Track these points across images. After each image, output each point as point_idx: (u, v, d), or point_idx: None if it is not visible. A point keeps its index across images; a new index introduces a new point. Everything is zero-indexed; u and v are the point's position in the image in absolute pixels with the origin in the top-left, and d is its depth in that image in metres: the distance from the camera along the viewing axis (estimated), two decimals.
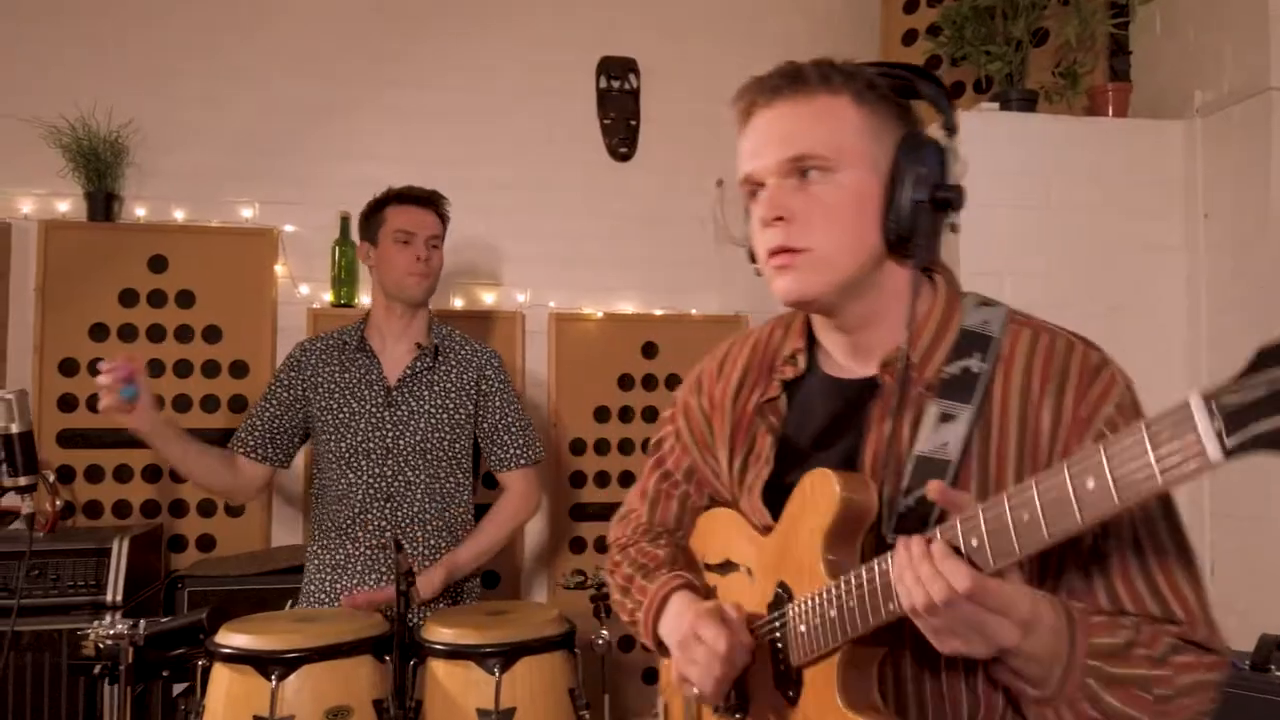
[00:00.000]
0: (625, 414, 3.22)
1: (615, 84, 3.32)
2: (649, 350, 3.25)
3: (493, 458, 2.31)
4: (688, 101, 3.34)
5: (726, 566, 1.23)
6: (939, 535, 0.87)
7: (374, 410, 2.17)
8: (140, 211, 3.01)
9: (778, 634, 1.07)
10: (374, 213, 2.27)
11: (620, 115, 3.32)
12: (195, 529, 2.92)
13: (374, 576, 2.13)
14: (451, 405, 2.22)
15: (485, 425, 2.28)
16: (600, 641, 2.04)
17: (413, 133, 3.16)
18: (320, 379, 2.20)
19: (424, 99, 3.18)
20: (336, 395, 2.18)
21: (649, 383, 3.25)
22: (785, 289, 1.07)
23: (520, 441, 2.33)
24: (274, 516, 2.99)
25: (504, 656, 1.80)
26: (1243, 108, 2.28)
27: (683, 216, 3.34)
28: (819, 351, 1.17)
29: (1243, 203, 2.33)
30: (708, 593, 1.21)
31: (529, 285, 3.24)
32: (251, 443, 2.18)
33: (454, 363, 2.26)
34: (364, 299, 3.07)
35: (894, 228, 1.02)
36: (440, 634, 1.86)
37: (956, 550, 0.85)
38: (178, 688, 2.15)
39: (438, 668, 1.83)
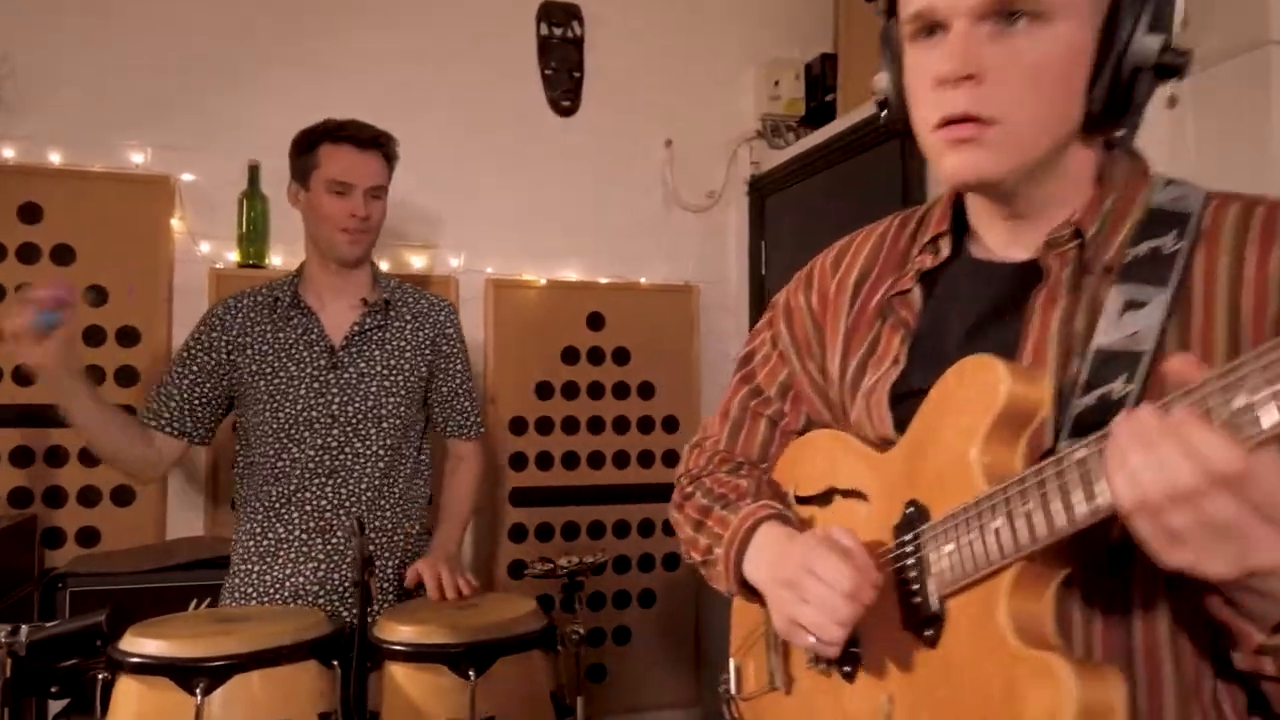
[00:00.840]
0: (569, 390, 2.97)
1: (557, 31, 3.06)
2: (594, 321, 3.01)
3: (449, 424, 2.05)
4: (635, 53, 3.11)
5: (828, 496, 1.03)
6: (1176, 405, 0.64)
7: (316, 374, 1.86)
8: (8, 152, 2.57)
9: (909, 562, 0.87)
10: (306, 150, 1.93)
11: (563, 66, 3.06)
12: (75, 520, 2.51)
13: (309, 565, 1.82)
14: (407, 366, 1.93)
15: (443, 388, 2.01)
16: (575, 636, 1.80)
17: (334, 77, 2.81)
18: (249, 340, 1.86)
19: (349, 40, 2.84)
20: (270, 359, 1.85)
21: (595, 356, 3.00)
22: (959, 169, 0.85)
23: (477, 407, 2.09)
24: (169, 504, 2.61)
25: (478, 658, 1.54)
26: (1235, 64, 2.21)
27: (630, 178, 3.11)
28: (967, 236, 0.98)
29: (1233, 170, 2.26)
30: (802, 527, 1.00)
31: (464, 248, 2.95)
32: (166, 415, 1.83)
33: (408, 318, 1.97)
34: (275, 260, 2.72)
35: (1102, 98, 0.82)
36: (399, 632, 1.58)
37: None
38: (55, 706, 1.80)
39: (398, 673, 1.55)
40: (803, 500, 1.06)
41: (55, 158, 2.60)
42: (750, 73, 3.18)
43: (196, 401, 1.85)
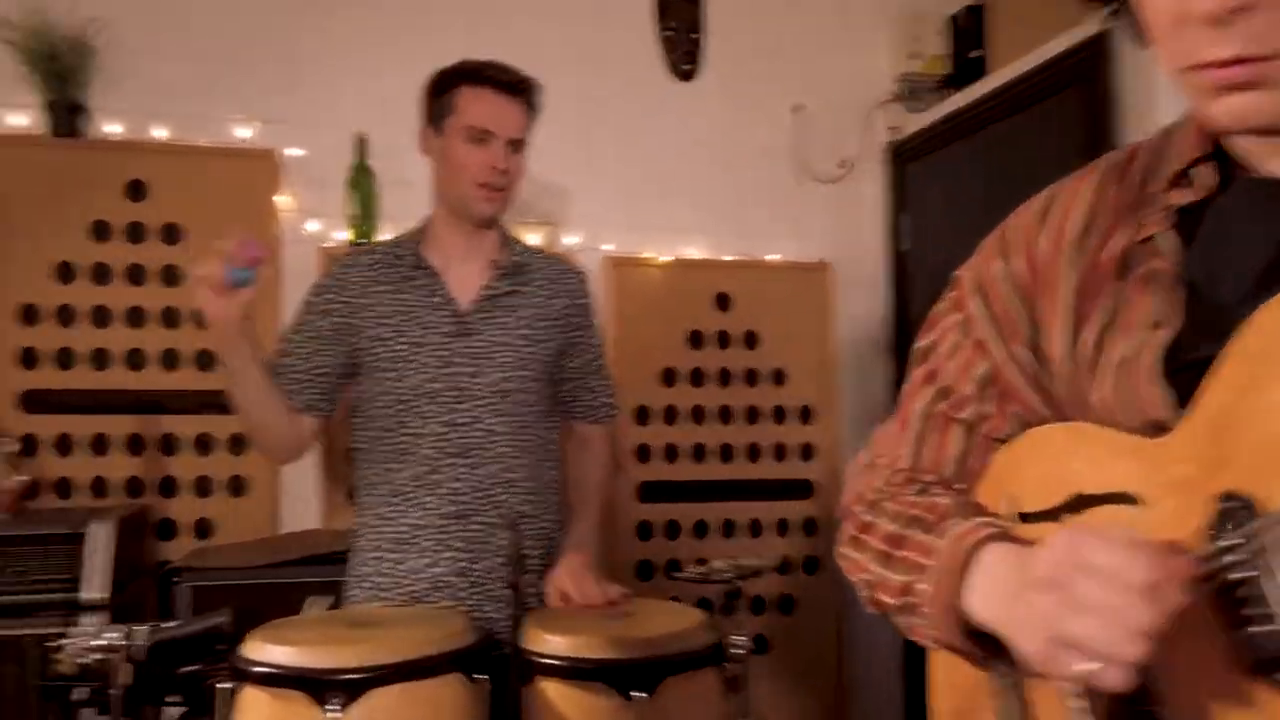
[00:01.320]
0: (697, 377, 2.75)
1: None
2: (721, 302, 2.78)
3: (578, 405, 1.83)
4: (760, 10, 2.87)
5: (1075, 507, 0.76)
6: None
7: (441, 341, 1.66)
8: (114, 127, 2.47)
9: (1239, 575, 0.62)
10: (442, 91, 1.71)
11: (682, 26, 2.84)
12: (189, 512, 2.40)
13: (448, 554, 1.63)
14: (539, 336, 1.72)
15: (574, 364, 1.79)
16: (739, 650, 1.57)
17: (442, 44, 2.61)
18: (369, 301, 1.68)
19: (457, 4, 2.67)
20: (391, 323, 1.66)
21: (722, 339, 2.77)
22: (1240, 112, 0.69)
23: (609, 388, 1.87)
24: (283, 496, 2.48)
25: (644, 676, 1.33)
26: None
27: (756, 146, 2.87)
28: (1232, 163, 0.76)
29: None
30: None
31: (581, 226, 2.75)
32: (292, 387, 1.66)
33: (540, 283, 1.76)
34: (385, 236, 2.55)
35: None
36: (550, 643, 1.37)
37: None
38: (171, 713, 1.64)
39: (550, 689, 1.35)
40: (1031, 518, 0.80)
41: (160, 133, 2.49)
42: (886, 29, 2.91)
43: (318, 371, 1.67)
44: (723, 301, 2.78)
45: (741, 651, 1.54)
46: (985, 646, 0.76)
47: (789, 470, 2.78)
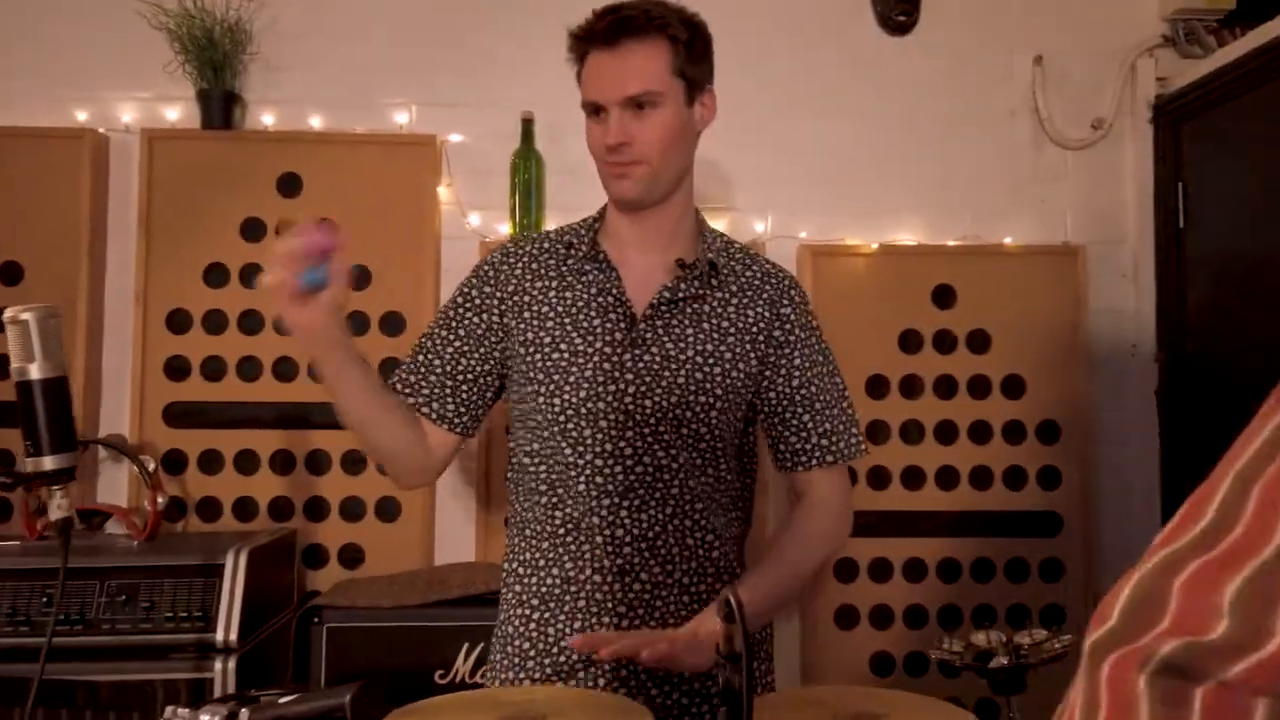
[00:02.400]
0: (909, 386, 2.29)
1: None
2: (942, 296, 2.31)
3: (782, 446, 1.40)
4: None
5: None
6: None
7: (609, 350, 1.31)
8: (268, 118, 2.29)
9: None
10: (576, 64, 1.36)
11: None
12: (338, 537, 2.18)
13: (607, 618, 1.28)
14: (729, 354, 1.34)
15: (774, 394, 1.38)
16: None
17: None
18: (528, 299, 1.34)
19: None
20: (552, 325, 1.32)
21: (943, 342, 2.30)
22: None
23: (837, 424, 1.40)
24: (438, 521, 2.22)
25: None
26: None
27: (986, 108, 2.38)
28: None
29: None
30: None
31: (771, 209, 2.36)
32: (426, 392, 1.34)
33: (735, 289, 1.37)
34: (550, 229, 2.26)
35: None
36: None
37: None
38: None
39: None
40: None
41: (315, 122, 2.30)
42: None
43: (461, 376, 1.35)
44: (944, 296, 2.31)
45: None
46: None
47: (1027, 500, 2.28)
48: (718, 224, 2.32)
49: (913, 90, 2.37)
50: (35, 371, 1.13)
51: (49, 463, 1.13)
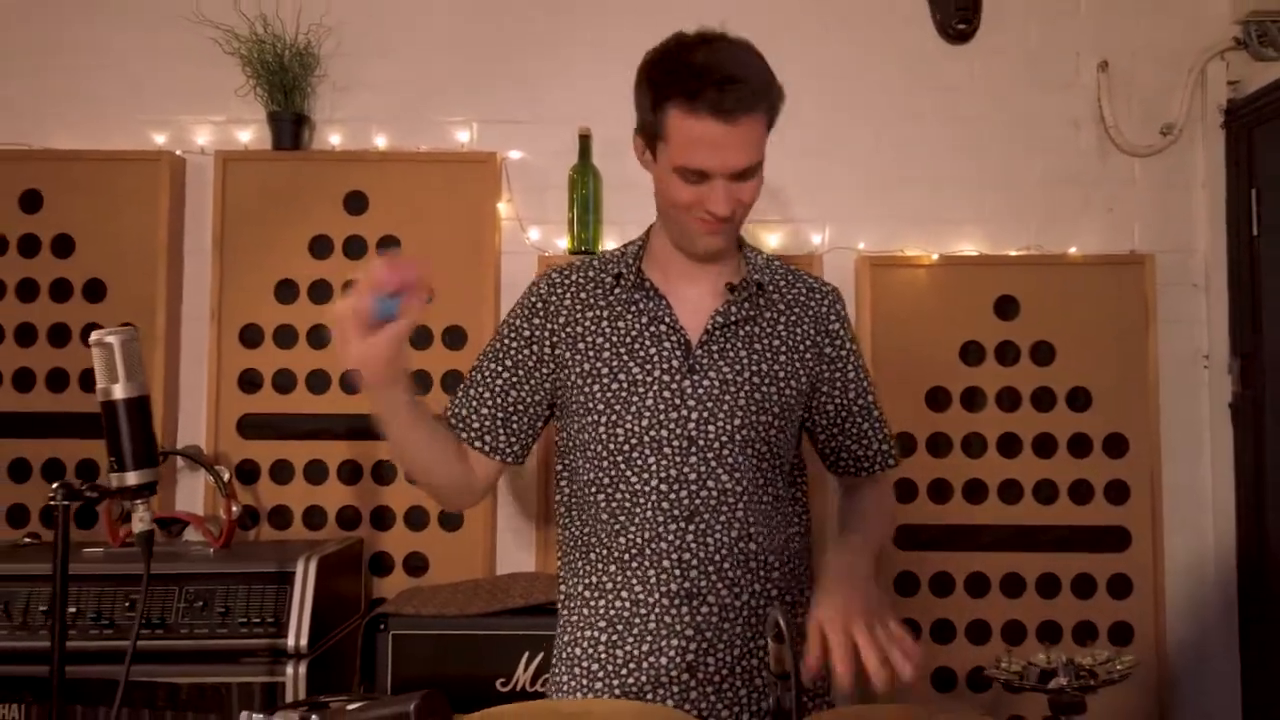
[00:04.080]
0: (971, 399, 2.27)
1: None
2: (1005, 308, 2.28)
3: (845, 455, 1.42)
4: None
5: None
6: None
7: (668, 380, 1.32)
8: (335, 138, 2.37)
9: None
10: (655, 104, 1.29)
11: None
12: (402, 545, 2.23)
13: (674, 641, 1.29)
14: (783, 373, 1.35)
15: (832, 406, 1.40)
16: None
17: (672, 19, 2.33)
18: (580, 330, 1.37)
19: None
20: (608, 356, 1.34)
21: (1005, 354, 2.27)
22: None
23: (883, 431, 1.45)
24: (500, 532, 2.26)
25: None
26: None
27: (1050, 115, 2.35)
28: None
29: None
30: None
31: (829, 220, 2.35)
32: (477, 425, 1.37)
33: (782, 307, 1.38)
34: (609, 244, 2.29)
35: None
36: None
37: None
38: None
39: None
40: None
41: (380, 141, 2.36)
42: None
43: (513, 409, 1.38)
44: (1007, 307, 2.27)
45: None
46: None
47: (1093, 515, 2.23)
48: (774, 236, 2.34)
49: (973, 98, 2.35)
50: (119, 392, 1.18)
51: (132, 478, 1.18)
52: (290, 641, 1.78)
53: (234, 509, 1.98)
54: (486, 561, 2.21)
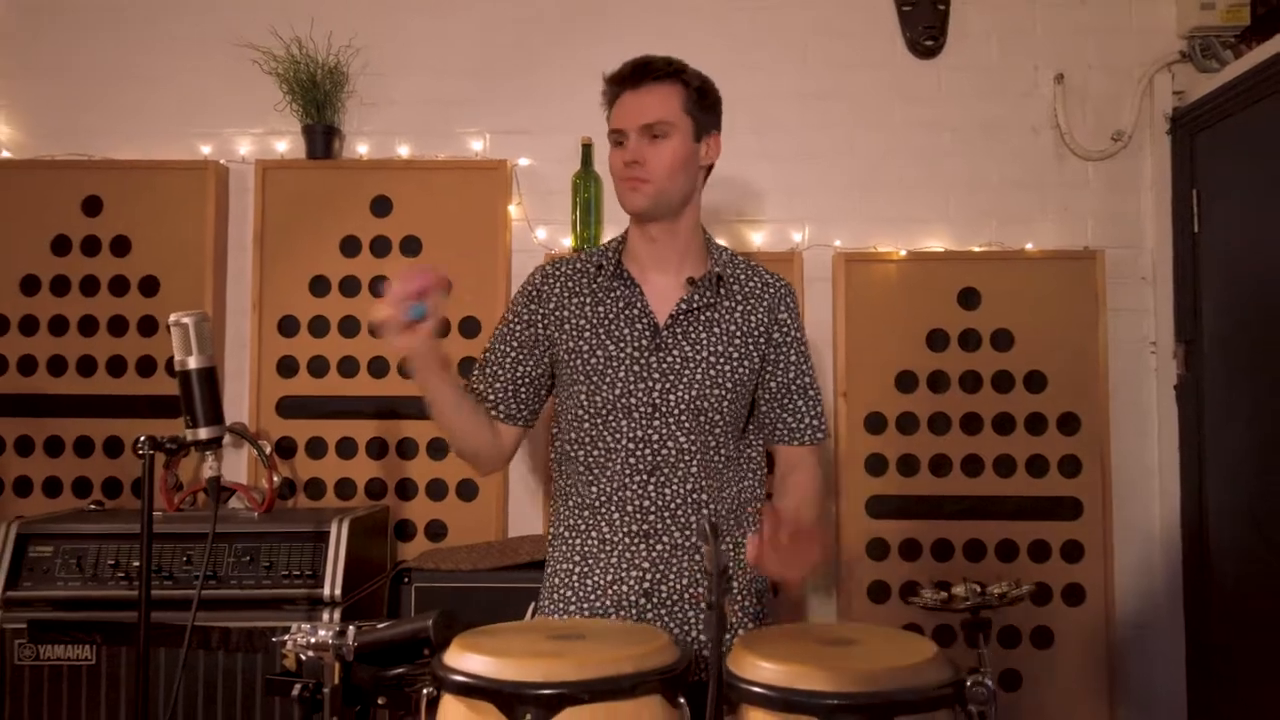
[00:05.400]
0: (937, 381, 2.50)
1: None
2: (967, 299, 2.50)
3: (781, 426, 1.66)
4: None
5: None
6: None
7: (638, 355, 1.58)
8: (362, 148, 2.63)
9: None
10: (607, 106, 1.65)
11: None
12: (424, 513, 2.49)
13: (633, 573, 1.55)
14: (736, 354, 1.60)
15: (775, 383, 1.64)
16: (983, 689, 1.34)
17: (664, 34, 2.56)
18: (567, 313, 1.62)
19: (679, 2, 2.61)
20: (588, 334, 1.60)
21: (968, 340, 2.50)
22: None
23: (817, 409, 1.69)
24: (511, 501, 2.51)
25: (867, 714, 1.16)
26: None
27: (1010, 123, 2.58)
28: None
29: None
30: None
31: (808, 220, 2.59)
32: (493, 397, 1.64)
33: (740, 297, 1.63)
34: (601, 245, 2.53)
35: None
36: (761, 670, 1.23)
37: None
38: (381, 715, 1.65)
39: None
40: None
41: (403, 150, 2.62)
42: None
43: (520, 381, 1.64)
44: (969, 298, 2.50)
45: (984, 692, 1.32)
46: None
47: (1048, 487, 2.46)
48: (758, 234, 2.58)
49: (940, 108, 2.58)
50: (193, 362, 1.44)
51: (204, 433, 1.44)
52: (326, 591, 2.04)
53: (275, 479, 2.24)
54: (499, 526, 2.46)
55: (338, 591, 2.04)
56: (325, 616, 2.04)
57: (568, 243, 2.56)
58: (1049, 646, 2.43)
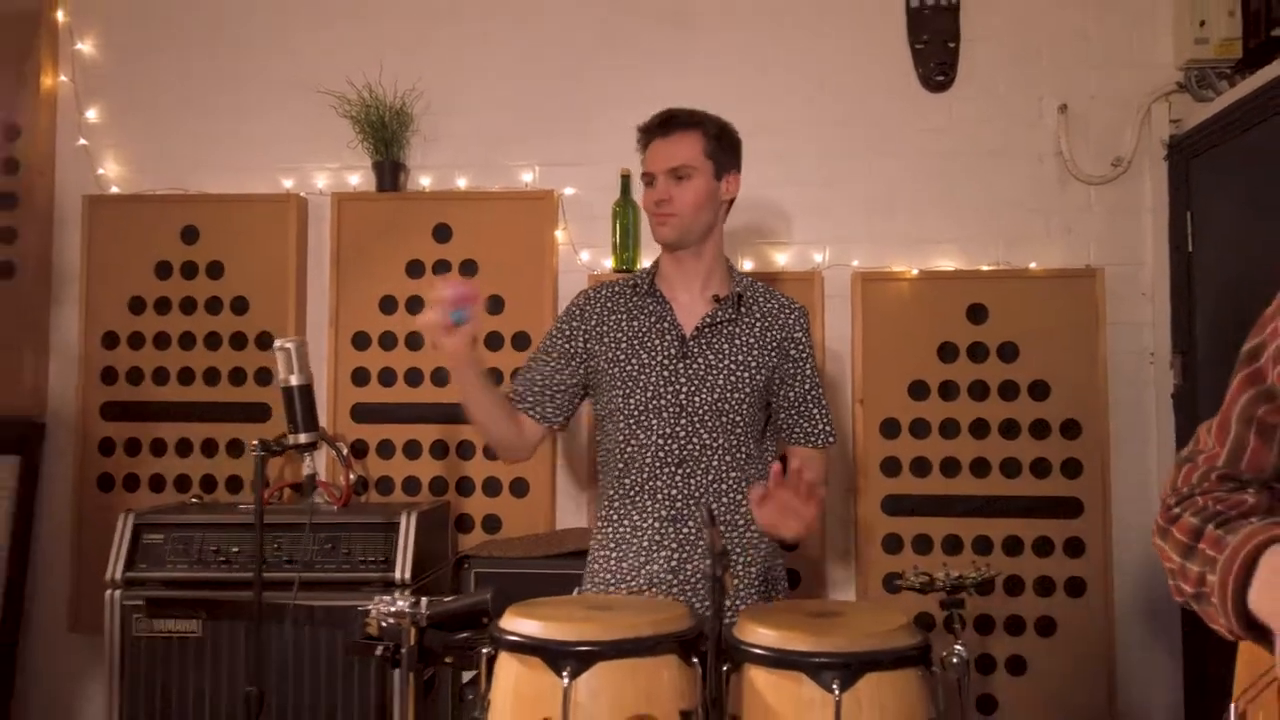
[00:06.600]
0: (947, 390, 2.71)
1: (929, 0, 2.83)
2: (976, 314, 2.72)
3: (798, 430, 1.93)
4: (1023, 7, 2.78)
5: None
6: None
7: (667, 362, 1.85)
8: (425, 180, 2.93)
9: None
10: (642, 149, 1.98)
11: (936, 36, 2.82)
12: (481, 508, 2.78)
13: (662, 554, 1.81)
14: (753, 364, 1.86)
15: (789, 393, 1.91)
16: (956, 660, 1.58)
17: (696, 73, 2.84)
18: (606, 328, 1.91)
19: (708, 34, 2.86)
20: (624, 345, 1.89)
21: (976, 353, 2.71)
22: None
23: (826, 415, 1.96)
24: (559, 497, 2.79)
25: (845, 670, 1.40)
26: None
27: (1016, 151, 2.78)
28: None
29: None
30: None
31: (827, 241, 2.82)
32: (530, 399, 1.93)
33: (757, 316, 1.90)
34: (645, 263, 2.78)
35: None
36: (760, 635, 1.49)
37: None
38: (465, 675, 1.95)
39: (758, 677, 1.46)
40: None
41: (461, 182, 2.91)
42: (1167, 12, 2.71)
43: (556, 388, 1.92)
44: (978, 313, 2.71)
45: (957, 660, 1.56)
46: (1264, 637, 0.82)
47: (1051, 487, 2.66)
48: (783, 255, 2.82)
49: (951, 137, 2.79)
50: (295, 380, 1.75)
51: (303, 438, 1.75)
52: (397, 575, 2.33)
53: (351, 477, 2.55)
54: (548, 520, 2.74)
55: (407, 575, 2.34)
56: (392, 595, 2.33)
57: (608, 264, 2.83)
58: (1052, 634, 2.64)
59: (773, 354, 1.88)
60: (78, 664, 2.85)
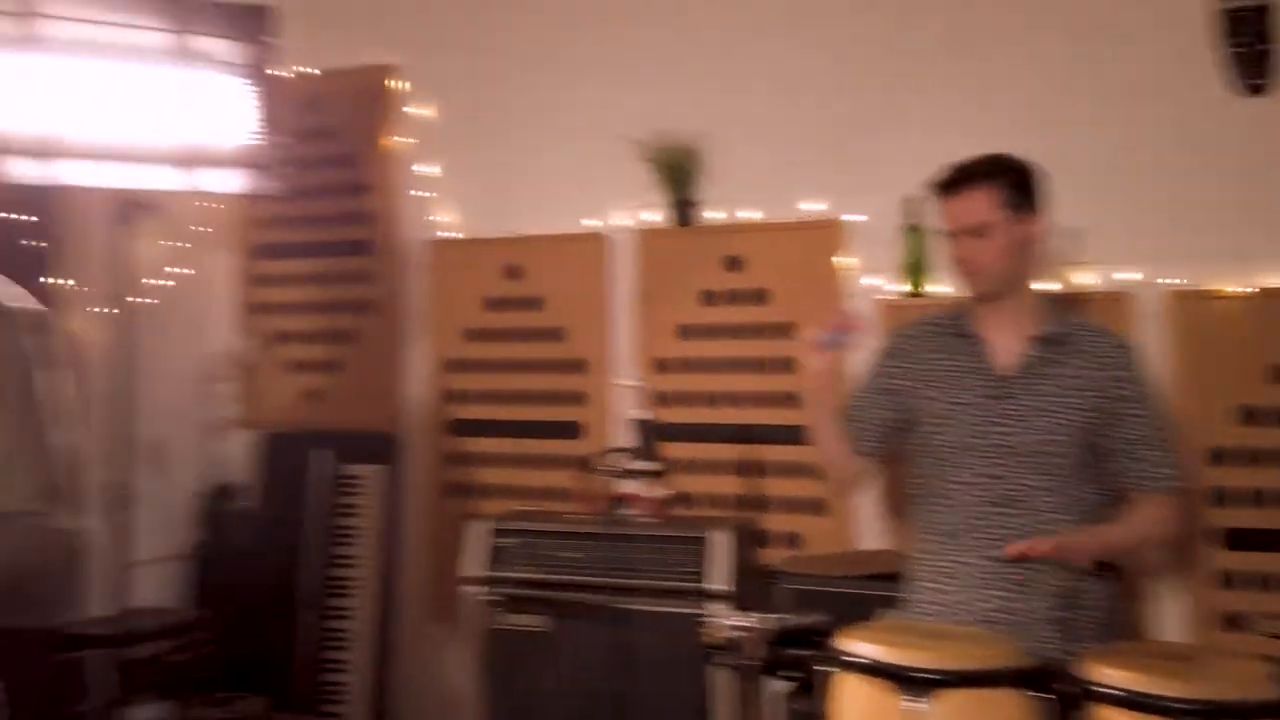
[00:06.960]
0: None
1: (1241, 3, 2.65)
2: None
3: (1131, 474, 1.91)
4: None
5: None
6: None
7: (981, 400, 1.90)
8: (715, 215, 3.11)
9: None
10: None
11: (1248, 39, 2.64)
12: (781, 525, 2.92)
13: (995, 593, 1.85)
14: (1077, 404, 1.86)
15: (1122, 437, 1.89)
16: None
17: (981, 95, 2.82)
18: (925, 368, 1.99)
19: (994, 53, 2.83)
20: (941, 384, 1.96)
21: None
22: None
23: (1169, 460, 1.91)
24: (859, 518, 2.87)
25: (1207, 718, 1.40)
26: None
27: None
28: None
29: None
30: None
31: (1138, 260, 2.71)
32: (855, 433, 2.05)
33: (1079, 355, 1.90)
34: (936, 287, 2.81)
35: None
36: (1110, 676, 1.51)
37: None
38: (781, 686, 2.07)
39: (1110, 718, 1.48)
40: None
41: (750, 215, 3.07)
42: None
43: (878, 423, 2.03)
44: None
45: None
46: None
47: None
48: (1090, 275, 2.73)
49: (1272, 144, 2.59)
50: (641, 414, 1.96)
51: (653, 465, 1.97)
52: (715, 587, 2.52)
53: (665, 493, 2.77)
54: (846, 539, 2.83)
55: (720, 585, 2.52)
56: (711, 605, 2.51)
57: (895, 288, 2.86)
58: None
59: (1099, 395, 1.87)
60: (437, 650, 3.29)
